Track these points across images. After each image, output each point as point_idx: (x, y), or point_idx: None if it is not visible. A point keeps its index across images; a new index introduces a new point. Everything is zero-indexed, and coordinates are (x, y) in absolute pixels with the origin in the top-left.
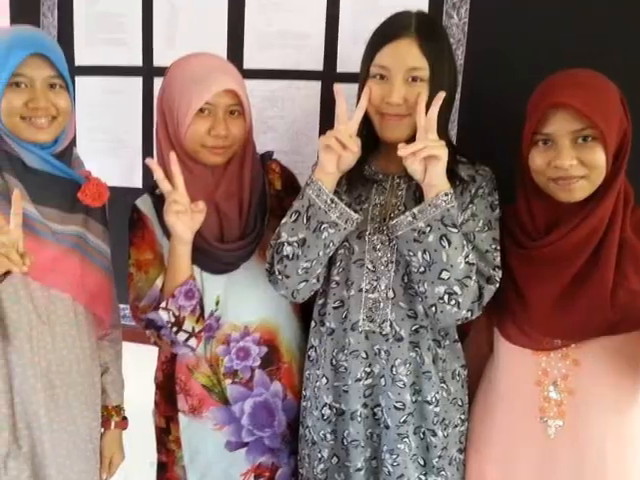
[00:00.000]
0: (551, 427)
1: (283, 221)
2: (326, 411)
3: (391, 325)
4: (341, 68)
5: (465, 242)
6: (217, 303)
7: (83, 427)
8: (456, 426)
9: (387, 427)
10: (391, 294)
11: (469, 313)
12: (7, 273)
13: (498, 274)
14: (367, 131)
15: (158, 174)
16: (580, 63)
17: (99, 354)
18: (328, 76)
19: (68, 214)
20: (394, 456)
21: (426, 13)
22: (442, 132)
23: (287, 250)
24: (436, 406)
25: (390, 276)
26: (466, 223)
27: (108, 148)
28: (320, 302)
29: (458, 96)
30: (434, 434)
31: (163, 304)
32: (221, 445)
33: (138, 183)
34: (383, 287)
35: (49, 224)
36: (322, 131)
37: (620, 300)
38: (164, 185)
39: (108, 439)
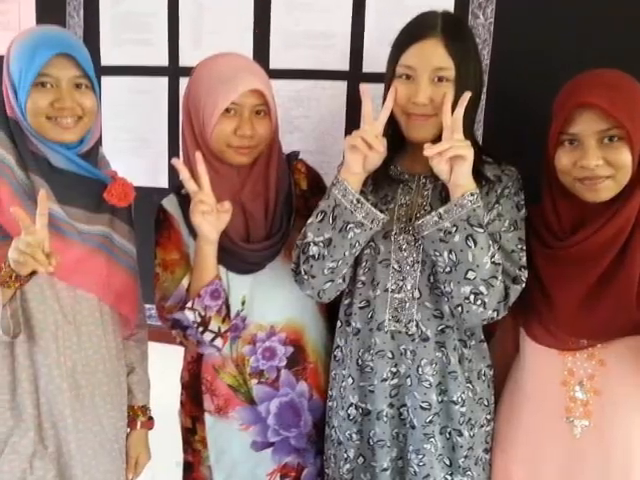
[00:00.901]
0: (577, 427)
1: (309, 221)
2: (352, 411)
3: (417, 325)
4: (367, 68)
5: (491, 242)
6: (243, 303)
7: (109, 427)
8: (482, 426)
9: (413, 427)
10: (417, 294)
11: (495, 313)
12: (33, 273)
13: (524, 274)
14: (393, 131)
15: (184, 174)
16: (607, 63)
17: (125, 354)
18: (354, 76)
19: (94, 214)
20: (420, 456)
21: (452, 13)
22: (468, 132)
23: (313, 250)
24: (462, 406)
25: (416, 276)
26: (492, 223)
27: (134, 148)
28: (346, 302)
29: (484, 96)
30: (460, 434)
31: (189, 304)
32: (247, 445)
33: (164, 183)
34: (409, 287)
35: (75, 224)
36: (348, 131)
37: None
38: (190, 185)
39: (134, 439)
